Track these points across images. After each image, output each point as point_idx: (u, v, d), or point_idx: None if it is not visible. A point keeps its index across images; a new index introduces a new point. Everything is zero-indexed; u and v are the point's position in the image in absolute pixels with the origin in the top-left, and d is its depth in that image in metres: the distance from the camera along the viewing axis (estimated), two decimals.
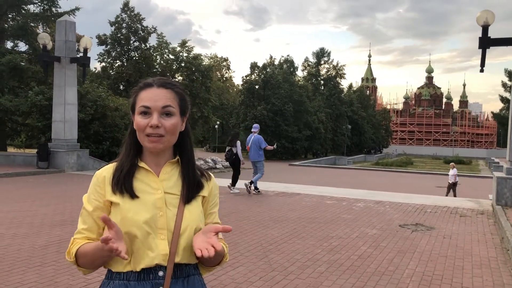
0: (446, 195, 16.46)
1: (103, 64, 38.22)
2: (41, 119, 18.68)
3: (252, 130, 12.49)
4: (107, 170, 1.55)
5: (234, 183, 12.09)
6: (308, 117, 50.93)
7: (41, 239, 6.31)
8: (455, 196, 16.76)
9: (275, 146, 13.17)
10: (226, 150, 12.23)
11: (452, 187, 17.92)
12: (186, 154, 1.58)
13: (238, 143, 12.07)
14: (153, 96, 1.47)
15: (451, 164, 17.66)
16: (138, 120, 1.47)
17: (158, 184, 1.52)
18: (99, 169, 1.59)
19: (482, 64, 11.01)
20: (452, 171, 18.06)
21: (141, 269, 1.45)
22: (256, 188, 11.96)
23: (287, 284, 4.73)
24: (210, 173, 1.68)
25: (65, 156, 16.29)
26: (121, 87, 37.30)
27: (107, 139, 19.61)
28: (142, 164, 1.54)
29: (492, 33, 10.75)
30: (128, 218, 1.45)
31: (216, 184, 1.68)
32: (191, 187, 1.54)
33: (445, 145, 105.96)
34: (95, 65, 44.11)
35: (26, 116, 19.48)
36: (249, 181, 12.02)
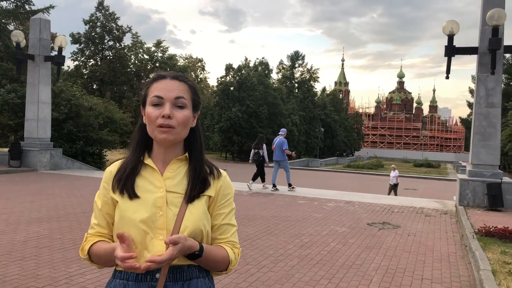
0: (388, 194, 16.92)
1: (76, 62, 37.79)
2: (13, 117, 18.43)
3: (280, 133, 14.02)
4: (115, 166, 1.55)
5: (263, 180, 13.76)
6: (282, 120, 51.42)
7: (19, 235, 6.42)
8: (395, 195, 17.21)
9: (293, 154, 14.66)
10: (253, 152, 13.68)
11: (393, 188, 18.47)
12: (196, 151, 1.55)
13: (265, 146, 13.71)
14: (166, 87, 1.46)
15: (392, 166, 18.19)
16: (150, 111, 1.45)
17: (161, 182, 1.49)
18: (110, 165, 1.60)
19: (448, 71, 11.56)
20: (394, 173, 18.60)
21: None
22: (290, 185, 13.37)
23: (261, 276, 5.02)
24: (223, 171, 1.61)
25: (38, 155, 16.16)
26: (95, 86, 36.95)
27: (80, 138, 19.49)
28: (148, 161, 1.52)
29: (462, 40, 11.39)
30: (126, 217, 1.44)
31: (228, 183, 1.60)
32: (195, 186, 1.50)
33: (415, 149, 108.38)
34: (68, 63, 43.45)
35: None
36: (272, 185, 13.45)
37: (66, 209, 8.65)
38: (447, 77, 11.57)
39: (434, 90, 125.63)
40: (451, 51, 11.21)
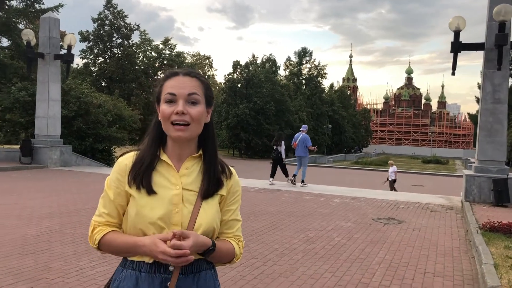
0: (391, 190, 16.91)
1: (85, 60, 38.13)
2: (23, 115, 18.71)
3: (301, 129, 14.40)
4: (129, 159, 1.56)
5: (286, 175, 14.26)
6: (289, 116, 51.47)
7: (32, 229, 6.60)
8: (395, 190, 17.20)
9: (315, 148, 14.95)
10: (274, 148, 14.26)
11: (391, 183, 18.48)
12: (210, 148, 1.58)
13: (283, 143, 14.16)
14: (178, 84, 1.49)
15: (390, 162, 18.18)
16: (164, 108, 1.48)
17: (177, 179, 1.52)
18: (121, 155, 1.61)
19: (454, 67, 11.57)
20: (392, 169, 18.60)
21: (153, 261, 1.47)
22: (302, 181, 13.72)
23: (266, 269, 5.14)
24: (232, 169, 1.65)
25: (48, 152, 16.39)
26: (103, 83, 37.26)
27: (90, 135, 19.74)
28: (164, 157, 1.54)
29: (469, 36, 11.38)
30: (143, 214, 1.47)
31: (237, 180, 1.66)
32: (210, 185, 1.53)
33: (423, 145, 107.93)
34: (77, 61, 43.80)
35: (8, 111, 19.45)
36: (293, 174, 13.96)
37: (77, 205, 8.84)
38: (453, 73, 11.58)
39: (442, 86, 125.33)
40: (457, 47, 11.23)
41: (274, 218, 8.29)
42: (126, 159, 1.56)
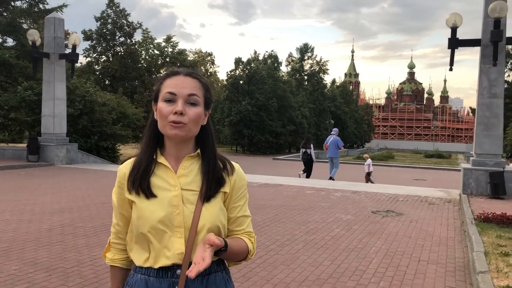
0: (366, 182, 17.14)
1: (89, 59, 38.47)
2: (30, 114, 19.06)
3: (332, 132, 16.11)
4: (127, 166, 1.56)
5: (308, 176, 15.69)
6: (291, 112, 51.70)
7: (45, 224, 6.91)
8: (372, 182, 17.37)
9: (343, 148, 16.39)
10: (302, 151, 15.76)
11: (368, 175, 18.78)
12: (207, 148, 1.56)
13: (312, 146, 15.77)
14: (179, 83, 1.47)
15: (365, 155, 18.51)
16: (162, 107, 1.45)
17: (176, 180, 1.50)
18: (121, 164, 1.62)
19: (451, 63, 11.82)
20: (367, 162, 18.93)
21: (159, 267, 1.46)
22: (332, 178, 14.90)
23: (268, 258, 5.44)
24: (235, 164, 1.62)
25: (54, 150, 16.73)
26: (107, 82, 37.60)
27: (95, 133, 20.08)
28: (161, 160, 1.53)
29: (473, 30, 11.60)
30: (144, 217, 1.46)
31: (241, 175, 1.62)
32: (211, 184, 1.51)
33: (426, 140, 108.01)
34: (80, 60, 44.15)
35: (15, 110, 19.80)
36: (329, 177, 15.23)
37: (85, 200, 9.15)
38: (451, 69, 11.83)
39: (445, 81, 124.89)
40: (455, 43, 11.48)
41: (276, 211, 8.59)
42: (124, 167, 1.56)
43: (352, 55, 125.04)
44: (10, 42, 23.62)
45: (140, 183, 1.48)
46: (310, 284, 4.58)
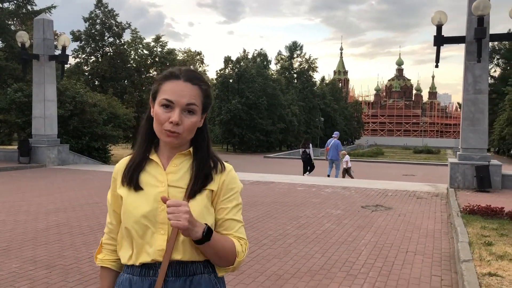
0: (343, 177, 17.40)
1: (77, 60, 38.31)
2: (20, 116, 19.03)
3: (333, 136, 16.73)
4: (123, 163, 1.57)
5: (310, 172, 16.65)
6: (281, 110, 51.89)
7: (41, 223, 7.02)
8: (352, 178, 17.59)
9: (344, 152, 17.01)
10: (301, 151, 16.58)
11: (347, 171, 19.02)
12: (201, 147, 1.54)
13: (311, 145, 16.67)
14: (178, 91, 1.43)
15: (342, 152, 18.81)
16: (159, 112, 1.43)
17: (164, 177, 1.49)
18: (116, 163, 1.66)
19: (437, 60, 12.07)
20: (345, 158, 19.18)
21: (140, 263, 1.45)
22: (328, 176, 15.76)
23: (261, 252, 5.61)
24: (228, 165, 1.58)
25: (46, 151, 16.75)
26: (96, 82, 37.47)
27: (86, 134, 20.09)
28: (153, 157, 1.52)
29: (461, 27, 11.81)
30: (128, 212, 1.46)
31: (233, 177, 1.56)
32: (197, 180, 1.48)
33: (415, 136, 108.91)
34: (69, 60, 43.95)
35: (4, 112, 19.75)
36: (327, 175, 16.16)
37: (79, 201, 9.26)
38: (437, 66, 12.10)
39: (433, 77, 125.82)
40: (440, 40, 11.72)
41: (268, 208, 8.77)
42: (120, 164, 1.58)
43: (341, 53, 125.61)
44: None
45: (130, 176, 1.49)
46: (302, 275, 4.76)
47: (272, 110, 50.53)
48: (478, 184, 10.92)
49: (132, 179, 1.49)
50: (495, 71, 51.01)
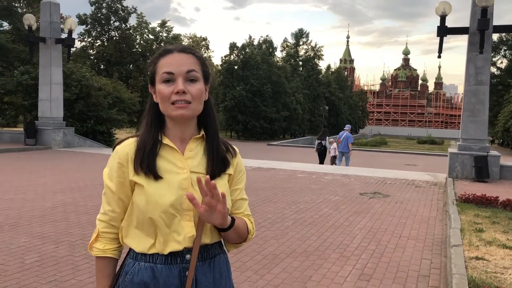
0: (331, 164, 17.60)
1: (83, 43, 38.48)
2: (27, 98, 19.28)
3: (345, 128, 17.25)
4: (129, 147, 1.47)
5: (322, 163, 16.92)
6: (286, 98, 51.93)
7: (48, 202, 7.27)
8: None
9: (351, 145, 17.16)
10: (317, 142, 16.94)
11: (333, 159, 19.20)
12: (211, 127, 1.52)
13: (327, 138, 17.19)
14: (175, 61, 1.41)
15: (330, 140, 19.04)
16: (162, 89, 1.40)
17: (184, 162, 1.45)
18: (118, 144, 1.51)
19: (440, 50, 12.17)
20: (332, 146, 19.34)
21: (168, 252, 1.42)
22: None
23: (259, 234, 5.83)
24: (235, 148, 1.60)
25: (52, 133, 17.01)
26: (102, 66, 37.66)
27: (91, 117, 20.34)
28: (166, 141, 1.47)
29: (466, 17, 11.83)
30: (154, 202, 1.40)
31: (241, 159, 1.62)
32: (217, 164, 1.48)
33: (419, 126, 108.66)
34: (75, 44, 44.09)
35: (11, 94, 20.00)
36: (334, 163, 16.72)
37: (85, 181, 9.50)
38: (439, 56, 12.19)
39: (439, 67, 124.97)
40: (443, 31, 11.80)
41: (268, 193, 8.98)
42: (125, 147, 1.48)
43: (348, 41, 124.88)
44: (5, 26, 23.67)
45: (148, 164, 1.42)
46: (297, 255, 4.98)
47: (277, 98, 50.58)
48: (476, 174, 11.08)
49: (150, 167, 1.42)
50: (501, 62, 50.66)
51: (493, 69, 46.53)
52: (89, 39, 38.27)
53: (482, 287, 3.74)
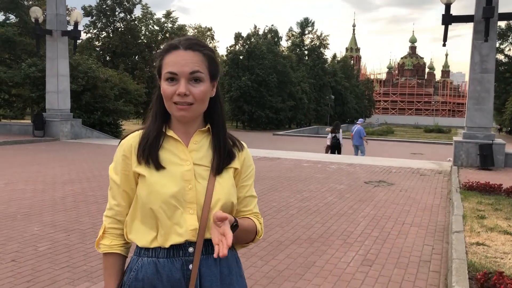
0: (326, 153, 17.70)
1: (89, 35, 38.60)
2: (34, 90, 19.47)
3: (358, 122, 17.87)
4: (134, 139, 1.47)
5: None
6: (292, 88, 51.85)
7: (58, 193, 7.43)
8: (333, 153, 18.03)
9: (366, 141, 17.46)
10: (331, 136, 16.70)
11: (328, 148, 19.23)
12: (217, 121, 1.50)
13: (341, 131, 17.09)
14: (179, 61, 1.38)
15: (327, 129, 19.13)
16: (165, 88, 1.39)
17: (187, 154, 1.44)
18: (124, 138, 1.51)
19: (445, 39, 12.17)
20: (329, 135, 19.36)
21: (170, 245, 1.39)
22: None
23: (264, 221, 5.87)
24: (243, 143, 1.58)
25: (59, 125, 17.20)
26: (108, 58, 37.79)
27: (98, 109, 20.51)
28: (170, 133, 1.46)
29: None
30: (155, 192, 1.39)
31: (250, 155, 1.57)
32: (222, 158, 1.46)
33: (426, 115, 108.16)
34: (81, 36, 44.20)
35: (19, 87, 20.21)
36: None
37: (93, 172, 9.66)
38: (444, 45, 12.19)
39: (446, 55, 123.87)
40: (448, 19, 11.79)
41: (273, 182, 9.10)
42: (130, 140, 1.48)
43: (354, 29, 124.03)
44: (12, 19, 23.81)
45: (150, 153, 1.41)
46: (301, 242, 5.10)
47: (282, 88, 50.51)
48: (481, 162, 11.13)
49: (152, 157, 1.41)
50: (509, 49, 50.14)
51: (501, 57, 46.09)
52: (95, 31, 38.38)
53: (482, 271, 3.84)
